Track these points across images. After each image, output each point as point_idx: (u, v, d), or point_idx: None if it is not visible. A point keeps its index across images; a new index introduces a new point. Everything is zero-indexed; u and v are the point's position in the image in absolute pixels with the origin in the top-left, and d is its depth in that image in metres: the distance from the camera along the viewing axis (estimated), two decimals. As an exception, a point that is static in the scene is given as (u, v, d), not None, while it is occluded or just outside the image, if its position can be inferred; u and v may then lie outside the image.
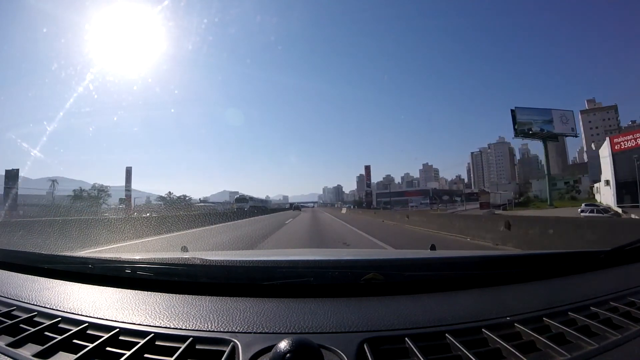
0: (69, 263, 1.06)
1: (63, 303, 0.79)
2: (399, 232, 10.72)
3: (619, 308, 0.70)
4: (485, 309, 0.71)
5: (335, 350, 0.56)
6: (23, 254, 1.20)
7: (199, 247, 7.00)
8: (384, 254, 2.73)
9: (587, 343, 0.58)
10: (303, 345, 0.52)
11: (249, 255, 2.17)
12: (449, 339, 0.59)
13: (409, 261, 1.21)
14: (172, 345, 0.60)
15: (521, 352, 0.55)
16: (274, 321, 0.66)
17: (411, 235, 9.46)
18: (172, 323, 0.67)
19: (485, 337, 0.60)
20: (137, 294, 0.83)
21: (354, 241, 8.11)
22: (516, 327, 0.63)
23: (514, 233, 6.21)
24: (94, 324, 0.68)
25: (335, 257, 1.52)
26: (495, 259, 1.11)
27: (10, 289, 0.89)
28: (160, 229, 10.37)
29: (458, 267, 1.04)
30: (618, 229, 4.73)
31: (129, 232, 8.91)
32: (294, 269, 0.96)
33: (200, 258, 1.01)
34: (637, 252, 1.01)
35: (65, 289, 0.89)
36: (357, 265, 1.04)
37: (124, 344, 0.62)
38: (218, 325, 0.65)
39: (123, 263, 1.00)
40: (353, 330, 0.63)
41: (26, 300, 0.81)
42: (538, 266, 0.98)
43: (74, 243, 6.97)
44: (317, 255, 1.88)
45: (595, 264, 0.99)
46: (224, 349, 0.58)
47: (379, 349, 0.58)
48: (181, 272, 0.93)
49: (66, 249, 6.13)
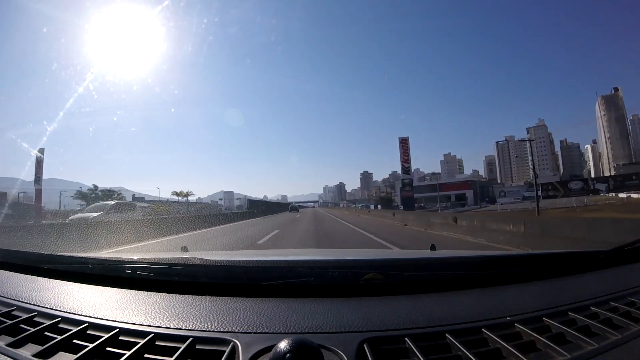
0: (69, 263, 1.06)
1: (63, 303, 0.79)
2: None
3: (619, 308, 0.70)
4: (485, 309, 0.71)
5: (335, 350, 0.56)
6: (23, 254, 1.20)
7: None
8: (384, 254, 2.73)
9: (587, 343, 0.58)
10: (303, 345, 0.52)
11: (249, 255, 2.17)
12: (449, 339, 0.59)
13: (409, 261, 1.21)
14: (172, 345, 0.60)
15: (521, 352, 0.55)
16: (274, 321, 0.66)
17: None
18: (172, 323, 0.67)
19: (485, 337, 0.60)
20: (137, 294, 0.83)
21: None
22: (516, 327, 0.63)
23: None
24: (94, 324, 0.68)
25: (335, 257, 1.52)
26: (495, 259, 1.11)
27: (10, 289, 0.89)
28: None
29: (458, 267, 1.04)
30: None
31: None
32: (294, 269, 0.96)
33: (200, 258, 1.01)
34: (637, 252, 1.01)
35: (65, 289, 0.89)
36: (357, 265, 1.04)
37: (124, 344, 0.62)
38: (218, 325, 0.65)
39: (123, 263, 1.00)
40: (353, 330, 0.62)
41: (26, 300, 0.81)
42: (538, 266, 0.98)
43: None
44: (317, 255, 1.88)
45: (595, 264, 0.99)
46: (224, 349, 0.58)
47: (379, 349, 0.57)
48: (181, 272, 0.93)
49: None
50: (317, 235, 10.19)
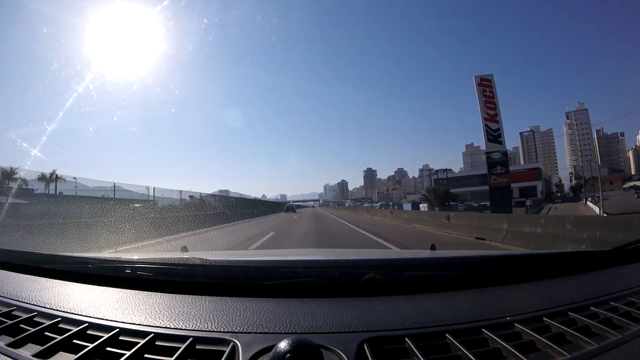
0: (69, 263, 1.06)
1: (63, 303, 0.79)
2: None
3: (619, 308, 0.70)
4: (485, 309, 0.71)
5: (335, 350, 0.56)
6: (23, 254, 1.20)
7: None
8: (384, 254, 2.73)
9: (587, 343, 0.58)
10: (303, 345, 0.52)
11: (249, 255, 2.17)
12: (449, 339, 0.59)
13: (409, 261, 1.21)
14: (172, 346, 0.60)
15: (521, 352, 0.55)
16: (274, 321, 0.66)
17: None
18: (172, 323, 0.67)
19: (485, 337, 0.60)
20: (137, 294, 0.83)
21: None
22: (516, 327, 0.63)
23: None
24: (94, 324, 0.68)
25: (335, 257, 1.52)
26: (495, 259, 1.11)
27: (10, 289, 0.89)
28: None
29: (458, 267, 1.04)
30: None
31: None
32: (293, 269, 0.96)
33: (200, 258, 1.01)
34: (637, 252, 1.01)
35: (65, 289, 0.89)
36: (357, 265, 1.04)
37: (124, 344, 0.62)
38: (218, 325, 0.65)
39: (123, 263, 1.00)
40: (353, 330, 0.62)
41: (26, 300, 0.81)
42: (538, 266, 0.98)
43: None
44: (317, 255, 1.88)
45: (595, 264, 0.99)
46: (224, 349, 0.58)
47: (379, 349, 0.57)
48: (181, 272, 0.93)
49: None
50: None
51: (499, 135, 29.27)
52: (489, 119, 29.44)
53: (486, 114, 29.58)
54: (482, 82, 30.55)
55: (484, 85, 30.45)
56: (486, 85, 30.44)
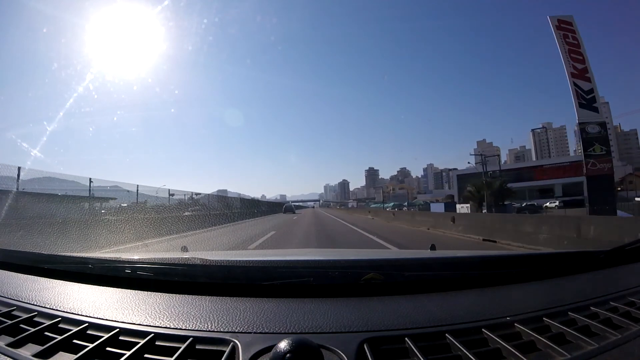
0: (68, 263, 1.06)
1: (63, 303, 0.79)
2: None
3: (619, 308, 0.70)
4: (485, 309, 0.71)
5: (335, 350, 0.56)
6: (23, 254, 1.20)
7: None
8: (384, 254, 2.73)
9: (587, 343, 0.58)
10: (303, 345, 0.52)
11: (249, 255, 2.17)
12: (449, 339, 0.59)
13: (408, 261, 1.21)
14: (172, 345, 0.60)
15: (521, 352, 0.55)
16: (274, 321, 0.66)
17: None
18: (172, 323, 0.67)
19: (485, 337, 0.60)
20: (137, 294, 0.83)
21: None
22: (516, 327, 0.63)
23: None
24: (94, 324, 0.68)
25: (335, 257, 1.52)
26: (495, 259, 1.11)
27: (10, 289, 0.89)
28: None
29: (458, 267, 1.04)
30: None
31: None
32: (293, 269, 0.96)
33: (200, 258, 1.01)
34: (637, 252, 1.01)
35: (65, 289, 0.89)
36: (357, 265, 1.04)
37: (124, 344, 0.62)
38: (218, 325, 0.65)
39: (123, 263, 1.00)
40: (353, 330, 0.62)
41: (26, 300, 0.81)
42: (538, 266, 0.98)
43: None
44: (317, 255, 1.88)
45: (595, 264, 0.99)
46: (224, 349, 0.58)
47: (379, 349, 0.57)
48: (181, 272, 0.93)
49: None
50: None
51: (593, 100, 19.50)
52: (577, 75, 19.47)
53: (573, 69, 19.56)
54: (562, 26, 20.17)
55: (564, 29, 20.16)
56: (567, 29, 20.19)
